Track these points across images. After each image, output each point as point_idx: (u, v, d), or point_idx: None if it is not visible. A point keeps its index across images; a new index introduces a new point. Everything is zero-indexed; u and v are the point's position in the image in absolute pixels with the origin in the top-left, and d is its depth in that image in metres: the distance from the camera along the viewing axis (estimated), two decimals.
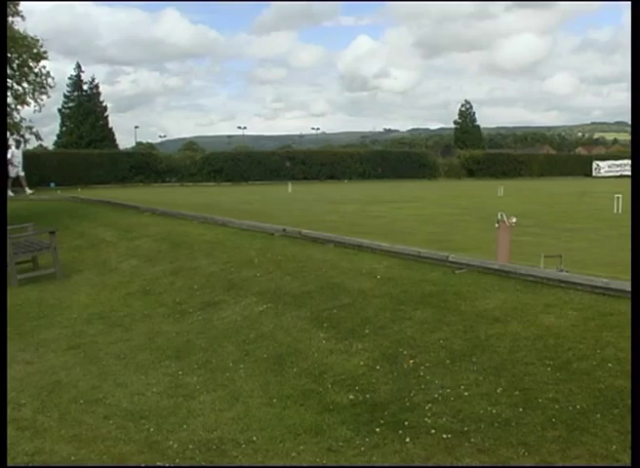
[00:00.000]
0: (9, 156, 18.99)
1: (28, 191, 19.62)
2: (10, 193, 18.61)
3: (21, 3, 17.75)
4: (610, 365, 3.52)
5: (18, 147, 19.50)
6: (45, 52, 18.22)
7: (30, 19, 18.68)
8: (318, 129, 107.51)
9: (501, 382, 3.53)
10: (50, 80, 18.90)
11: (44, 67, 18.68)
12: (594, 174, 38.98)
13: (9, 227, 8.75)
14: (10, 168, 19.02)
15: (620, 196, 12.43)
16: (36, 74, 18.65)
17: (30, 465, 3.10)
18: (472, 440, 3.01)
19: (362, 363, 4.12)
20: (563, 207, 15.10)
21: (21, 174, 19.82)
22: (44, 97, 19.18)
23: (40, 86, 18.83)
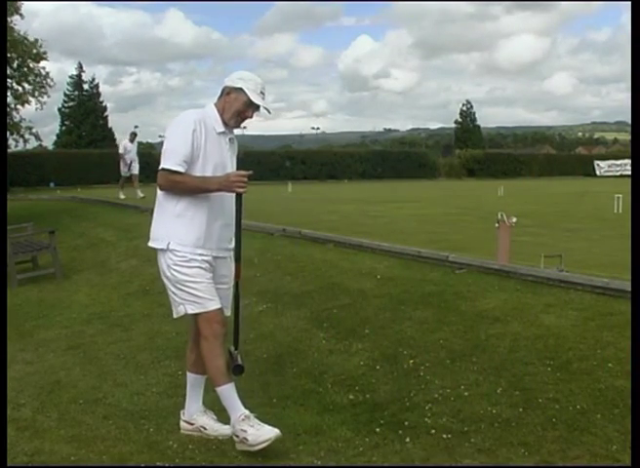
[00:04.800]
0: (120, 151, 16.04)
1: (140, 194, 15.28)
2: (120, 195, 15.54)
3: (25, 3, 17.76)
4: (610, 365, 3.52)
5: (132, 141, 16.06)
6: (44, 52, 18.28)
7: (35, 20, 18.71)
8: (318, 129, 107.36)
9: (502, 382, 3.53)
10: (49, 80, 18.89)
11: (44, 68, 18.73)
12: (598, 173, 38.84)
13: (8, 227, 8.75)
14: (122, 165, 15.91)
15: (620, 196, 12.43)
16: (36, 75, 18.68)
17: (30, 465, 3.09)
18: (472, 440, 3.01)
19: (362, 363, 4.11)
20: (563, 207, 15.11)
21: (135, 172, 15.91)
22: (44, 97, 19.17)
23: (40, 86, 18.86)
